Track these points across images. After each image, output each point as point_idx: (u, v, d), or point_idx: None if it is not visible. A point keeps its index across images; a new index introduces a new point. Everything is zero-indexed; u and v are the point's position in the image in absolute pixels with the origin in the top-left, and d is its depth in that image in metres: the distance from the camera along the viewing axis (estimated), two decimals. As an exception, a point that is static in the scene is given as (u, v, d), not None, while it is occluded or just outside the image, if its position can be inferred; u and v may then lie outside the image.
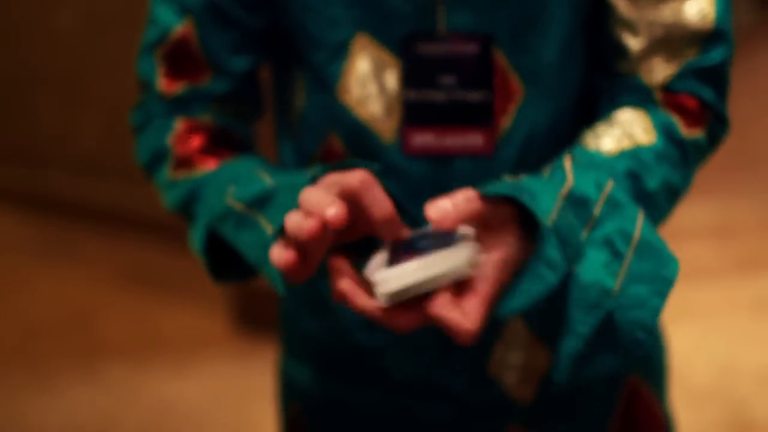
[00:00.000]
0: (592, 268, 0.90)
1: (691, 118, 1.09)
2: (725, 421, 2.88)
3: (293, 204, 0.91)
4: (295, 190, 0.93)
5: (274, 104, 1.25)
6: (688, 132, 1.08)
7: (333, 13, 1.10)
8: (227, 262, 1.13)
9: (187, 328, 3.53)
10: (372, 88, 1.11)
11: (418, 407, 1.20)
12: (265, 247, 0.93)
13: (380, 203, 0.88)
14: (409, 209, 0.96)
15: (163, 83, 1.17)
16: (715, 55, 1.09)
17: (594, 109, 1.16)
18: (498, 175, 1.08)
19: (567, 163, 0.98)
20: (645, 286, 0.92)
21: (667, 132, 1.07)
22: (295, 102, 1.18)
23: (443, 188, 1.10)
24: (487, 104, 1.09)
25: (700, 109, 1.09)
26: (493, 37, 1.08)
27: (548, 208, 0.90)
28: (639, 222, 0.94)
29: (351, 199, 0.89)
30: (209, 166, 1.13)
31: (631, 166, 1.02)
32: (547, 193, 0.92)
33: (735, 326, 3.36)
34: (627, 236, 0.93)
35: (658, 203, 1.04)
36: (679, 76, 1.09)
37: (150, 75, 1.17)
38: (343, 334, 1.20)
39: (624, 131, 1.06)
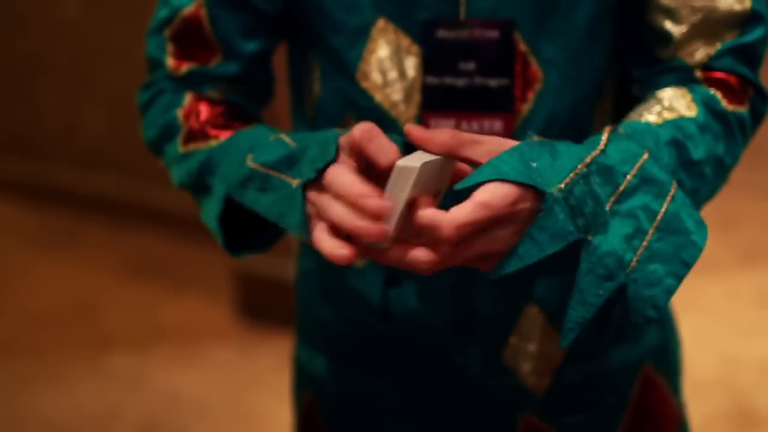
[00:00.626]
0: (613, 239, 0.90)
1: (732, 94, 1.09)
2: (728, 411, 2.89)
3: (322, 158, 0.92)
4: (324, 145, 0.94)
5: (290, 89, 1.24)
6: (731, 107, 1.08)
7: None
8: (241, 236, 1.13)
9: (190, 318, 3.53)
10: (392, 74, 1.10)
11: (433, 396, 1.20)
12: (290, 199, 0.94)
13: (385, 150, 0.88)
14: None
15: (171, 62, 1.16)
16: (753, 35, 1.10)
17: (620, 102, 1.16)
18: None
19: (606, 132, 0.96)
20: (662, 266, 0.91)
21: (708, 105, 1.07)
22: (312, 87, 1.17)
23: (463, 174, 1.10)
24: (508, 90, 1.09)
25: (740, 86, 1.10)
26: (514, 23, 1.08)
27: (559, 177, 0.89)
28: (668, 199, 0.93)
29: (357, 153, 0.90)
30: (222, 137, 1.12)
31: (675, 135, 1.01)
32: (566, 160, 0.91)
33: (738, 318, 3.36)
34: (652, 213, 0.92)
35: (706, 174, 1.03)
36: (718, 56, 1.09)
37: (159, 54, 1.17)
38: (358, 322, 1.20)
39: (665, 106, 1.06)
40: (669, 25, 1.10)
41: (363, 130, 0.89)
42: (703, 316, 3.33)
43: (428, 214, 0.85)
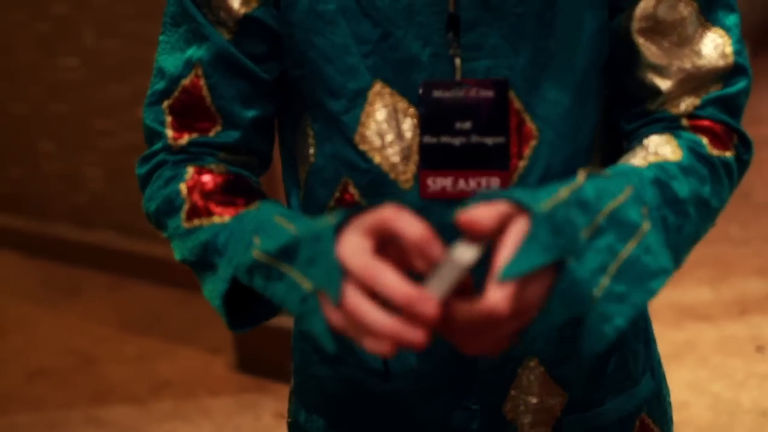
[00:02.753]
0: (585, 269, 0.92)
1: (717, 140, 1.12)
2: (725, 461, 2.90)
3: (318, 255, 0.92)
4: (319, 241, 0.93)
5: (281, 154, 1.25)
6: (717, 152, 1.12)
7: (351, 62, 1.12)
8: (244, 308, 1.13)
9: (190, 371, 3.53)
10: (389, 136, 1.12)
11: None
12: (305, 301, 0.93)
13: (412, 227, 0.87)
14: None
15: (171, 134, 1.17)
16: (736, 87, 1.14)
17: (611, 153, 1.18)
18: None
19: (582, 174, 0.99)
20: (616, 305, 0.94)
21: (692, 150, 1.10)
22: (306, 151, 1.19)
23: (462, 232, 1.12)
24: (503, 148, 1.11)
25: (725, 133, 1.13)
26: (509, 82, 1.11)
27: (542, 198, 0.91)
28: (632, 243, 0.96)
29: (383, 233, 0.89)
30: (226, 215, 1.12)
31: (658, 175, 1.04)
32: (547, 191, 0.94)
33: (735, 366, 3.37)
34: (614, 253, 0.94)
35: (690, 213, 1.06)
36: (702, 106, 1.13)
37: (158, 126, 1.17)
38: (357, 383, 1.21)
39: (650, 152, 1.09)
40: (657, 80, 1.13)
41: (391, 210, 0.88)
42: (699, 365, 3.34)
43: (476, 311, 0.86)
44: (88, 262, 4.29)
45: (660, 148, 1.10)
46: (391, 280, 0.85)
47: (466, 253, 0.88)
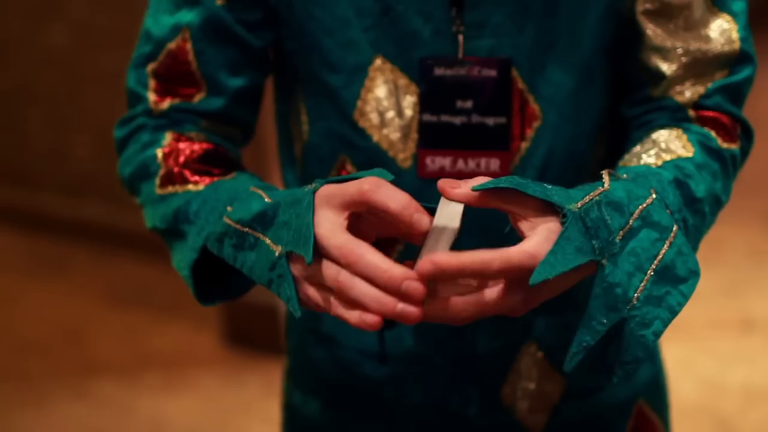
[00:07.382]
0: (620, 271, 0.89)
1: (725, 131, 1.10)
2: (711, 438, 2.91)
3: (294, 218, 0.91)
4: (296, 205, 0.92)
5: (277, 130, 1.23)
6: (726, 144, 1.09)
7: (351, 36, 1.09)
8: (214, 282, 1.10)
9: (177, 345, 3.53)
10: (390, 113, 1.10)
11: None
12: (274, 267, 0.92)
13: (394, 196, 0.87)
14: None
15: (153, 98, 1.13)
16: (741, 75, 1.11)
17: (615, 137, 1.16)
18: None
19: (606, 175, 0.96)
20: (654, 308, 0.91)
21: (703, 144, 1.08)
22: (300, 128, 1.17)
23: None
24: (505, 128, 1.09)
25: (732, 124, 1.11)
26: (512, 62, 1.09)
27: (575, 199, 0.89)
28: (666, 245, 0.93)
29: (360, 206, 0.88)
30: (201, 183, 1.09)
31: (676, 174, 1.01)
32: (578, 191, 0.91)
33: (721, 345, 3.38)
34: (652, 256, 0.92)
35: (705, 212, 1.04)
36: (708, 94, 1.10)
37: (140, 89, 1.14)
38: (353, 365, 1.20)
39: (662, 148, 1.06)
40: (661, 63, 1.10)
41: (369, 183, 0.88)
42: (686, 343, 3.35)
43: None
44: (76, 235, 4.28)
45: (671, 144, 1.07)
46: (373, 260, 0.85)
47: (452, 218, 0.88)
